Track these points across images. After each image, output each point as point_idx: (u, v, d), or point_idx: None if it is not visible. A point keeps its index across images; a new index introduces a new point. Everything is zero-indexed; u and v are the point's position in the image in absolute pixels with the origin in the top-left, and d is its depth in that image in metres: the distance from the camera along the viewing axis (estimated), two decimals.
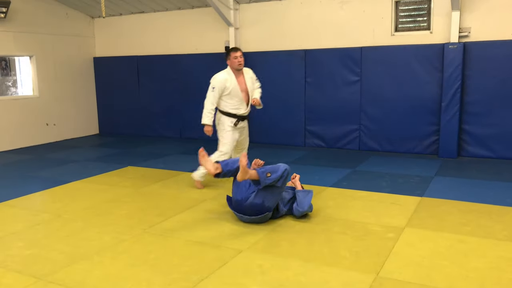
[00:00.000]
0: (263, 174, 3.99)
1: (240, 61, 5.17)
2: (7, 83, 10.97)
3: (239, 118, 5.35)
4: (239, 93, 5.25)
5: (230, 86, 5.20)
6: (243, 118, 5.40)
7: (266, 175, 3.98)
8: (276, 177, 3.99)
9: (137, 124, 9.97)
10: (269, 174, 3.99)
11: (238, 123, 5.35)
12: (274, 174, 4.00)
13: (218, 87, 5.20)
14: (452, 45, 6.79)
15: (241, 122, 5.39)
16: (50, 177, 6.32)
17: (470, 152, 7.04)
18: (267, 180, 3.98)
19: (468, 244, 3.69)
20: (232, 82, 5.20)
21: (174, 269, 3.34)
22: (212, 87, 5.24)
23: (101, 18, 9.99)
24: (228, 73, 5.24)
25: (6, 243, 3.94)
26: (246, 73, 5.32)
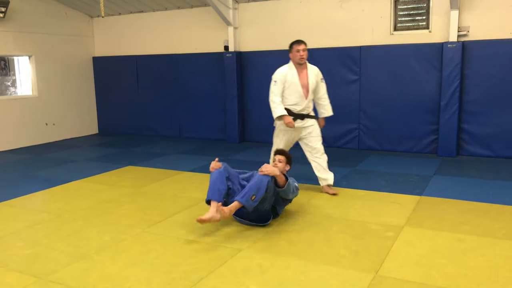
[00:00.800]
0: (248, 200, 3.80)
1: (302, 55, 4.85)
2: (6, 83, 10.96)
3: (296, 116, 4.97)
4: (299, 88, 4.91)
5: (290, 79, 4.89)
6: (301, 116, 5.01)
7: (251, 198, 3.80)
8: (261, 195, 3.84)
9: (136, 123, 9.98)
10: (254, 196, 3.79)
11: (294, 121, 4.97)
12: (258, 194, 3.83)
13: (280, 80, 4.90)
14: (451, 44, 6.80)
15: (298, 121, 4.99)
16: (50, 176, 6.32)
17: (469, 151, 7.05)
18: (254, 203, 3.83)
19: (467, 243, 3.70)
20: (293, 76, 4.90)
21: (173, 268, 3.35)
22: (274, 81, 4.95)
23: (100, 18, 9.99)
24: (290, 67, 4.95)
25: (6, 242, 3.95)
26: (310, 69, 4.99)
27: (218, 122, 9.02)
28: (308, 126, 5.07)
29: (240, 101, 8.65)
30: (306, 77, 4.94)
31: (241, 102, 8.68)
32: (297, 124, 4.98)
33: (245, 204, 3.83)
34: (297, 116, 4.98)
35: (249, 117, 8.71)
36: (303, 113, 5.02)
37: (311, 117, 5.09)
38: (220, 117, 8.97)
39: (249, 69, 8.58)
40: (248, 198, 3.82)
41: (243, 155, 7.63)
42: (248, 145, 8.46)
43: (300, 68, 4.94)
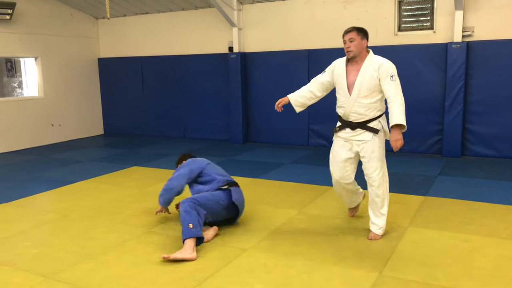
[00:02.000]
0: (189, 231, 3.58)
1: (348, 46, 3.75)
2: (12, 84, 11.05)
3: (344, 124, 3.88)
4: (344, 86, 3.82)
5: (337, 73, 3.89)
6: (349, 124, 3.83)
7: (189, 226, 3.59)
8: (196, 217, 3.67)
9: (141, 124, 10.03)
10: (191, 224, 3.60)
11: (339, 129, 3.92)
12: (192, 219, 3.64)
13: (328, 71, 3.98)
14: (455, 44, 6.80)
15: (346, 131, 3.86)
16: (56, 177, 6.37)
17: (474, 151, 7.04)
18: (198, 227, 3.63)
19: (472, 243, 3.70)
20: (341, 69, 3.86)
21: (178, 268, 3.38)
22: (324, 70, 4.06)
23: (106, 19, 10.05)
24: (343, 60, 3.91)
25: (13, 242, 3.99)
26: (368, 64, 3.76)
27: (222, 123, 9.05)
28: (360, 141, 3.80)
29: (244, 102, 8.68)
30: (357, 74, 3.77)
31: (245, 103, 8.71)
32: (345, 134, 3.88)
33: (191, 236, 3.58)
34: (345, 123, 3.87)
35: (253, 117, 8.73)
36: (351, 120, 3.80)
37: (367, 128, 3.77)
38: (224, 118, 9.00)
39: (254, 70, 8.60)
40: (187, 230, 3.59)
41: (247, 155, 7.65)
42: (252, 146, 8.48)
43: (353, 61, 3.83)
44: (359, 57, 3.79)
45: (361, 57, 3.79)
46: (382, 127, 3.81)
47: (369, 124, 3.77)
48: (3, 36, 8.38)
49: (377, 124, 3.79)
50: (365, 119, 3.77)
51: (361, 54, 3.78)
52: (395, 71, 3.74)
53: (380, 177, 3.80)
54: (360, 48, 3.75)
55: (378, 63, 3.75)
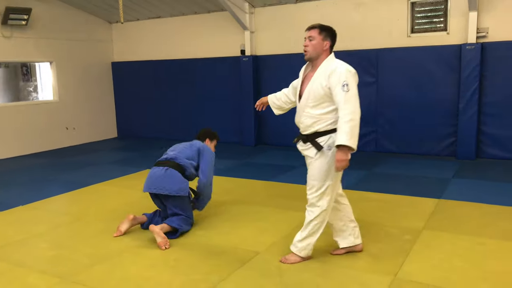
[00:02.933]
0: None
1: (305, 45, 3.30)
2: (28, 89, 11.22)
3: (299, 135, 3.44)
4: (297, 93, 3.45)
5: (299, 80, 3.48)
6: (302, 136, 3.38)
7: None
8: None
9: (154, 127, 10.10)
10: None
11: (297, 140, 3.47)
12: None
13: (300, 74, 3.51)
14: (469, 45, 6.74)
15: (300, 143, 3.42)
16: (71, 180, 6.45)
17: (489, 154, 6.96)
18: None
19: (488, 246, 3.66)
20: (301, 73, 3.48)
21: (193, 270, 3.40)
22: None
23: (119, 24, 10.15)
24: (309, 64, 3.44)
25: (30, 244, 4.05)
26: (323, 70, 3.25)
27: (234, 125, 9.08)
28: (307, 156, 3.38)
29: None
30: (309, 80, 3.31)
31: None
32: (299, 146, 3.45)
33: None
34: (299, 134, 3.44)
35: (265, 120, 8.75)
36: (301, 131, 3.39)
37: (313, 143, 3.30)
38: (236, 120, 9.02)
39: (265, 73, 8.62)
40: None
41: (259, 158, 7.66)
42: (264, 148, 8.49)
43: (312, 66, 3.37)
44: (318, 60, 3.29)
45: (319, 61, 3.29)
46: (333, 143, 3.18)
47: (318, 138, 3.25)
48: (19, 41, 8.52)
49: (326, 140, 3.24)
50: (311, 131, 3.27)
51: (320, 57, 3.27)
52: (350, 79, 3.15)
53: (314, 198, 3.29)
54: (319, 50, 3.26)
55: (331, 69, 3.19)
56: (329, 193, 3.31)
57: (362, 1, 7.58)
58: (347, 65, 3.25)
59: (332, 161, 3.23)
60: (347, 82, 3.12)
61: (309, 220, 3.37)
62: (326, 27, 3.33)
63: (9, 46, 8.39)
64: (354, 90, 3.15)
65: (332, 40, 3.33)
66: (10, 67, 11.14)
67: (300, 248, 3.43)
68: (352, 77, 3.18)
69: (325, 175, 3.27)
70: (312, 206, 3.35)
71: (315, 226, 3.37)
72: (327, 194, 3.30)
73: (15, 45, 8.47)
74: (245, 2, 8.31)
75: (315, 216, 3.33)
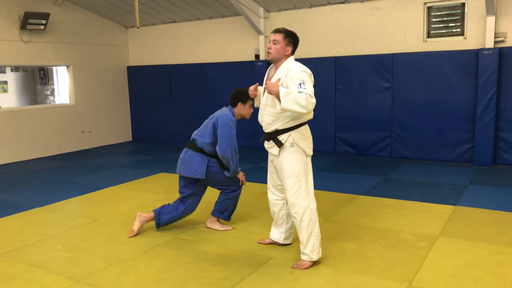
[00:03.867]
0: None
1: (269, 47, 3.46)
2: (45, 92, 11.40)
3: (264, 134, 3.59)
4: (261, 95, 3.69)
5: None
6: (266, 136, 3.55)
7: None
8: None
9: (169, 131, 10.16)
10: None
11: (262, 140, 3.64)
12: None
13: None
14: (487, 50, 6.65)
15: (265, 142, 3.58)
16: (86, 182, 6.52)
17: (507, 160, 6.84)
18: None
19: (506, 255, 3.59)
20: (265, 77, 3.63)
21: (206, 274, 3.40)
22: None
23: (135, 28, 10.27)
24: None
25: (46, 245, 4.10)
26: (281, 71, 3.42)
27: (248, 129, 9.06)
28: (272, 154, 3.55)
29: None
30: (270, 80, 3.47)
31: None
32: (265, 145, 3.60)
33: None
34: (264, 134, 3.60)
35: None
36: (264, 129, 3.56)
37: (274, 140, 3.45)
38: (250, 125, 8.97)
39: None
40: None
41: None
42: None
43: (275, 66, 3.55)
44: (279, 62, 3.46)
45: (280, 63, 3.45)
46: (293, 140, 3.37)
47: (279, 136, 3.40)
48: (37, 45, 8.66)
49: (286, 137, 3.38)
50: (272, 129, 3.43)
51: (281, 59, 3.45)
52: (306, 78, 3.27)
53: (291, 197, 3.40)
54: (281, 54, 3.42)
55: (287, 69, 3.35)
56: (305, 189, 3.41)
57: (377, 5, 7.54)
58: (304, 66, 3.41)
59: (296, 156, 3.39)
60: (303, 81, 3.25)
61: (298, 222, 3.43)
62: (290, 33, 3.48)
63: (28, 51, 8.54)
64: (310, 88, 3.26)
65: (294, 46, 3.51)
66: (28, 71, 11.35)
67: (309, 254, 3.44)
68: (308, 76, 3.32)
69: (295, 170, 3.39)
70: (293, 207, 3.42)
71: (308, 226, 3.40)
72: (304, 190, 3.41)
73: (33, 50, 8.62)
74: (260, 7, 8.34)
75: (300, 217, 3.40)
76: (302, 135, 3.43)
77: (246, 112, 4.25)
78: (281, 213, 3.75)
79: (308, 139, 3.48)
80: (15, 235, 4.37)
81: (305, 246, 3.42)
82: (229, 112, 4.22)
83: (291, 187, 3.41)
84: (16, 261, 3.74)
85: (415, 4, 7.26)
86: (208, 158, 4.17)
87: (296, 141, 3.39)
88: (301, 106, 3.15)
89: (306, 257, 3.44)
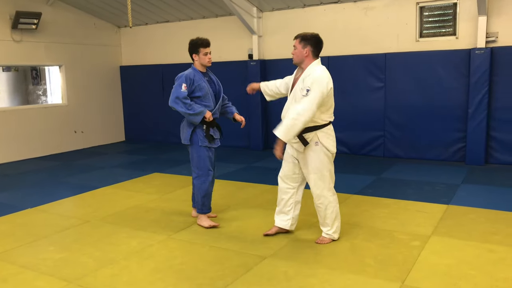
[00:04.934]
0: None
1: (292, 53, 3.91)
2: (37, 92, 11.32)
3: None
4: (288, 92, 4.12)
5: (291, 79, 4.10)
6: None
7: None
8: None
9: (162, 131, 10.13)
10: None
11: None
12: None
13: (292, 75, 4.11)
14: (479, 50, 6.69)
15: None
16: (79, 183, 6.48)
17: (499, 159, 6.89)
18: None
19: (498, 254, 3.62)
20: (293, 76, 4.05)
21: (199, 274, 3.39)
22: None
23: (127, 28, 10.22)
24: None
25: (38, 247, 4.07)
26: (305, 75, 3.77)
27: (242, 130, 9.02)
28: (296, 149, 3.93)
29: (264, 109, 8.70)
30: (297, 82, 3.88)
31: (265, 110, 8.72)
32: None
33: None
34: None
35: (273, 124, 8.67)
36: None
37: (300, 139, 3.79)
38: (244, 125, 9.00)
39: (273, 77, 8.43)
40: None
41: (266, 162, 7.65)
42: (272, 153, 8.44)
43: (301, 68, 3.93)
44: (303, 65, 3.75)
45: (305, 66, 3.74)
46: (318, 139, 3.69)
47: (304, 134, 3.67)
48: (29, 45, 8.60)
49: (311, 137, 3.68)
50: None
51: (304, 62, 3.73)
52: (315, 86, 3.54)
53: (317, 189, 3.78)
54: (301, 57, 3.72)
55: (307, 74, 3.66)
56: (329, 182, 3.78)
57: (370, 5, 7.57)
58: (323, 72, 3.64)
59: (321, 154, 3.71)
60: (310, 87, 3.54)
61: (323, 210, 3.84)
62: (306, 36, 3.77)
63: (19, 50, 8.47)
64: (313, 95, 3.51)
65: (313, 45, 3.74)
66: (20, 70, 11.26)
67: (333, 234, 3.88)
68: (318, 84, 3.55)
69: (320, 167, 3.71)
70: (319, 198, 3.81)
71: (332, 213, 3.84)
72: (328, 183, 3.77)
73: (25, 49, 8.55)
74: (253, 6, 8.33)
75: (326, 206, 3.81)
76: (326, 134, 3.72)
77: (204, 61, 4.44)
78: (291, 201, 4.02)
79: (332, 138, 3.77)
80: (6, 236, 4.33)
81: (331, 227, 3.87)
82: (188, 70, 4.45)
83: (316, 181, 3.76)
84: (8, 263, 3.71)
85: (408, 4, 7.29)
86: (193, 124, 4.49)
87: (321, 140, 3.69)
88: (302, 120, 3.51)
89: (329, 236, 3.89)
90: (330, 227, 3.87)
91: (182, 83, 4.27)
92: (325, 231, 3.90)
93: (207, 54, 4.41)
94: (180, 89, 4.26)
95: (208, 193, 4.42)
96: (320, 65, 3.75)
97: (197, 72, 4.41)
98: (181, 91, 4.25)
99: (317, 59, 3.76)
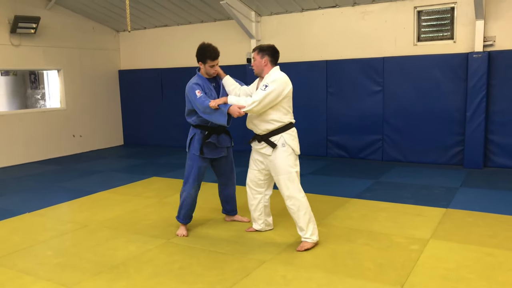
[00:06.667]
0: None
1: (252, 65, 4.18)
2: (36, 96, 11.31)
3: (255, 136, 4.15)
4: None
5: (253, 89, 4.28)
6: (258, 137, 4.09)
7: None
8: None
9: (161, 135, 10.13)
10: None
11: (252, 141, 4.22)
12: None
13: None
14: (476, 54, 6.71)
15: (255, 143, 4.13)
16: (77, 187, 6.47)
17: (497, 163, 6.90)
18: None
19: (496, 257, 3.62)
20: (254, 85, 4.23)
21: (198, 279, 3.38)
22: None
23: (126, 32, 10.23)
24: None
25: (36, 251, 4.06)
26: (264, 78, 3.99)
27: (241, 133, 9.04)
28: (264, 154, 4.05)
29: None
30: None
31: None
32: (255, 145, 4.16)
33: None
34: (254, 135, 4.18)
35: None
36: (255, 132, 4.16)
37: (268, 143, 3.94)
38: (243, 129, 8.97)
39: None
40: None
41: None
42: None
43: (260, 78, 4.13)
44: (263, 74, 3.93)
45: (264, 74, 3.92)
46: (285, 141, 3.84)
47: (271, 137, 3.87)
48: (27, 49, 8.60)
49: (278, 139, 3.84)
50: (263, 132, 3.90)
51: (264, 71, 3.91)
52: (274, 83, 3.74)
53: (287, 190, 3.86)
54: (260, 67, 3.92)
55: (267, 77, 3.86)
56: (297, 183, 3.87)
57: (368, 9, 7.59)
58: (282, 74, 3.87)
59: (288, 155, 3.84)
60: (268, 84, 3.76)
61: (295, 212, 3.86)
62: (263, 47, 3.95)
63: (18, 54, 8.47)
64: (270, 90, 3.72)
65: (270, 55, 3.91)
66: (18, 75, 11.25)
67: (310, 237, 3.86)
68: (276, 83, 3.76)
69: (288, 168, 3.83)
70: (290, 200, 3.87)
71: (305, 215, 3.85)
72: (296, 183, 3.86)
73: (23, 53, 8.55)
74: (251, 11, 8.35)
75: (298, 207, 3.84)
76: (292, 136, 3.90)
77: (209, 72, 4.32)
78: (260, 206, 4.23)
79: (296, 140, 3.95)
80: (4, 241, 4.32)
81: (306, 231, 3.86)
82: (194, 77, 4.37)
83: (286, 182, 3.86)
84: (5, 268, 3.70)
85: (405, 8, 7.31)
86: (195, 130, 4.27)
87: (287, 141, 3.85)
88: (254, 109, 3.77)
89: (309, 240, 3.87)
90: (305, 230, 3.86)
91: (195, 91, 4.09)
92: (302, 235, 3.90)
93: (214, 67, 4.29)
94: (199, 97, 4.03)
95: (186, 204, 4.27)
96: (279, 71, 3.92)
97: (204, 80, 4.27)
98: (202, 99, 4.01)
99: (275, 66, 3.94)
